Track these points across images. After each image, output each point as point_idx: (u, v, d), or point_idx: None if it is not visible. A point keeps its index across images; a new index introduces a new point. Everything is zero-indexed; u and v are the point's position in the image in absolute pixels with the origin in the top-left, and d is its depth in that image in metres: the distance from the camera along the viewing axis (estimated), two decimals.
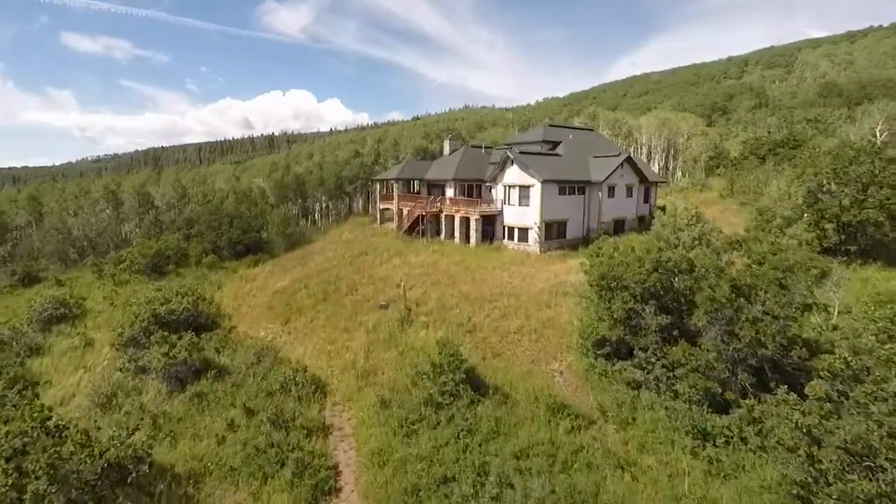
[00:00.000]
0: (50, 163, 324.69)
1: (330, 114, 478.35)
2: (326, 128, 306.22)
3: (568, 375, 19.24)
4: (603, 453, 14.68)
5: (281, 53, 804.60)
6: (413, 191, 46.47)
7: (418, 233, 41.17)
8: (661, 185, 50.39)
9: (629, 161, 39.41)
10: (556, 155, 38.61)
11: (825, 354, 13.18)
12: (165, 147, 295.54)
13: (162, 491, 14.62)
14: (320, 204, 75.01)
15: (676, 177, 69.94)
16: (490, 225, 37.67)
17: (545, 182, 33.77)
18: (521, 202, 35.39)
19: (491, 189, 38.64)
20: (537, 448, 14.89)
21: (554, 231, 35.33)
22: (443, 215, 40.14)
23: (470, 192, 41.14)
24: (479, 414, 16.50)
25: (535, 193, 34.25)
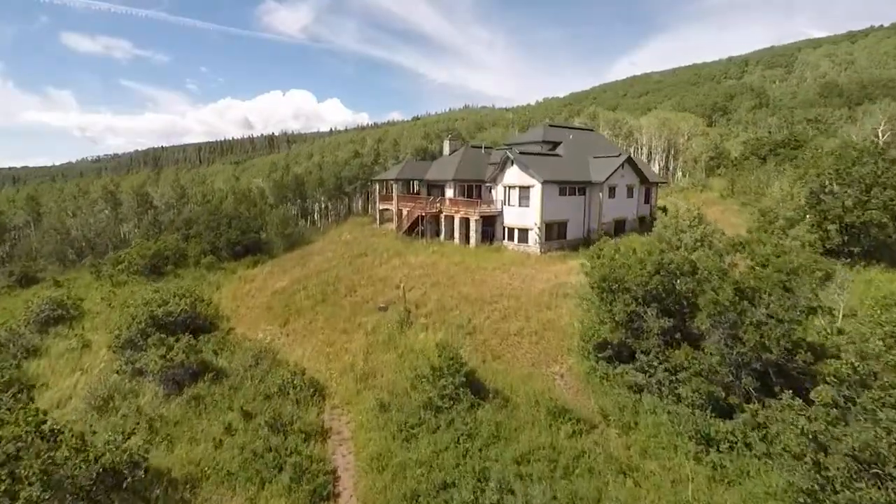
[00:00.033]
0: (50, 163, 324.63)
1: (330, 114, 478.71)
2: (326, 128, 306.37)
3: (569, 378, 19.05)
4: (605, 458, 14.49)
5: (281, 53, 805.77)
6: (413, 191, 46.26)
7: (418, 233, 40.98)
8: (662, 186, 50.19)
9: (630, 161, 39.22)
10: (557, 155, 38.42)
11: (831, 359, 12.97)
12: (165, 147, 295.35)
13: (158, 496, 14.50)
14: (320, 204, 74.75)
15: (677, 177, 69.71)
16: (490, 226, 37.48)
17: (545, 183, 33.58)
18: (522, 203, 35.19)
19: (491, 189, 38.46)
20: (538, 453, 14.71)
21: (554, 232, 35.14)
22: (442, 216, 39.96)
23: (470, 193, 40.96)
24: (480, 418, 16.32)
25: (536, 194, 34.06)
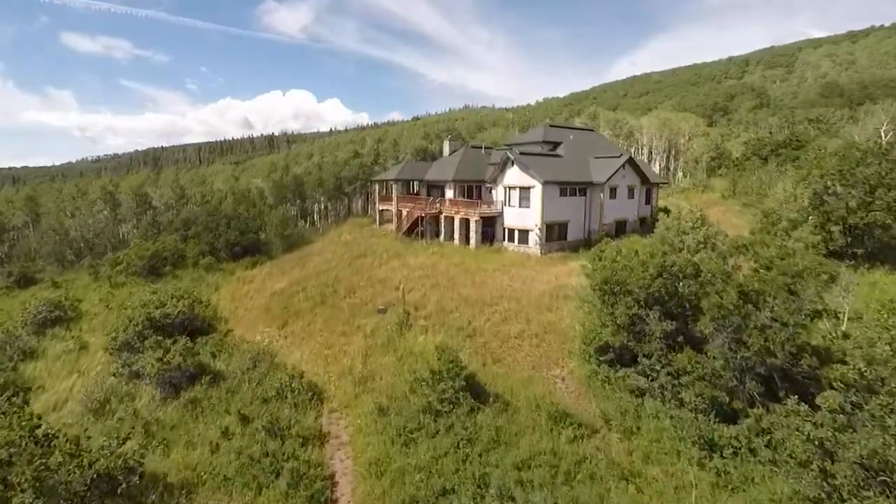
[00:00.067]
0: (50, 163, 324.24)
1: (330, 114, 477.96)
2: (326, 128, 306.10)
3: (570, 382, 18.84)
4: (607, 464, 14.27)
5: (281, 53, 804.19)
6: (412, 192, 46.05)
7: (418, 234, 40.77)
8: (663, 187, 49.97)
9: (631, 162, 38.99)
10: (557, 156, 38.20)
11: (837, 364, 12.76)
12: (165, 147, 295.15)
13: (154, 502, 14.31)
14: (319, 205, 74.53)
15: (677, 177, 69.49)
16: (490, 226, 37.27)
17: (546, 183, 33.37)
18: (522, 203, 34.98)
19: (491, 190, 38.25)
20: (539, 458, 14.50)
21: (555, 233, 34.93)
22: (442, 217, 39.76)
23: (470, 194, 40.76)
24: (480, 422, 16.11)
25: (536, 195, 33.85)
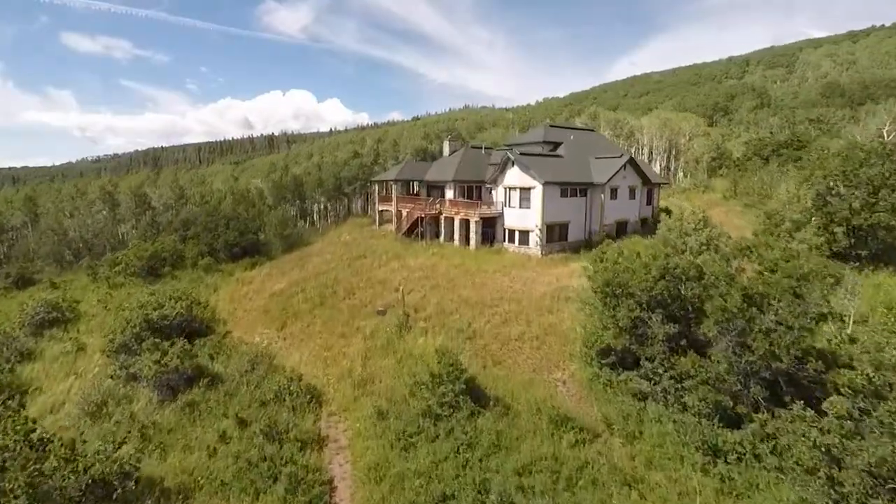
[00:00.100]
0: (50, 163, 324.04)
1: (330, 114, 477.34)
2: (326, 128, 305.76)
3: (571, 385, 18.64)
4: (609, 469, 14.08)
5: (281, 53, 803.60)
6: (412, 192, 45.83)
7: (417, 235, 40.57)
8: (664, 187, 49.75)
9: (632, 162, 38.77)
10: (558, 156, 37.99)
11: (843, 368, 12.55)
12: (165, 147, 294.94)
13: None
14: (319, 205, 74.31)
15: (678, 178, 69.26)
16: (490, 227, 37.06)
17: (546, 184, 33.16)
18: (522, 204, 34.77)
19: (491, 191, 38.05)
20: (540, 464, 14.31)
21: (555, 234, 34.71)
22: (442, 217, 39.55)
23: (470, 194, 40.55)
24: (480, 427, 15.92)
25: (537, 195, 33.64)
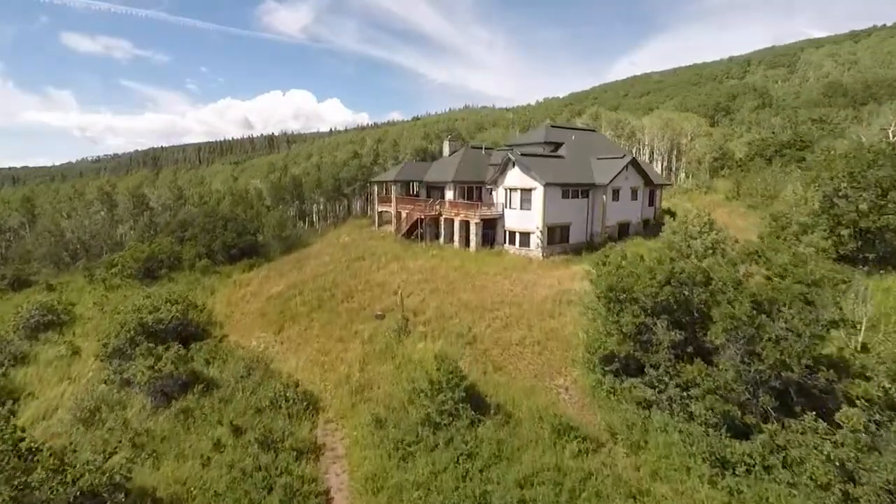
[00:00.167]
0: (50, 163, 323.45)
1: (330, 114, 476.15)
2: (326, 128, 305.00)
3: (573, 392, 18.21)
4: (613, 481, 13.64)
5: (281, 53, 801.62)
6: (412, 193, 45.39)
7: (417, 236, 40.15)
8: (666, 188, 49.30)
9: (634, 163, 38.32)
10: (559, 157, 37.56)
11: (856, 378, 12.10)
12: (165, 147, 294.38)
13: None
14: (318, 206, 73.84)
15: (680, 178, 68.80)
16: (491, 229, 36.64)
17: (547, 185, 32.73)
18: (523, 205, 34.35)
19: (492, 192, 37.63)
20: (542, 475, 13.88)
21: (557, 235, 34.29)
22: (442, 218, 39.12)
23: (470, 195, 40.12)
24: (480, 436, 15.50)
25: (538, 197, 33.21)
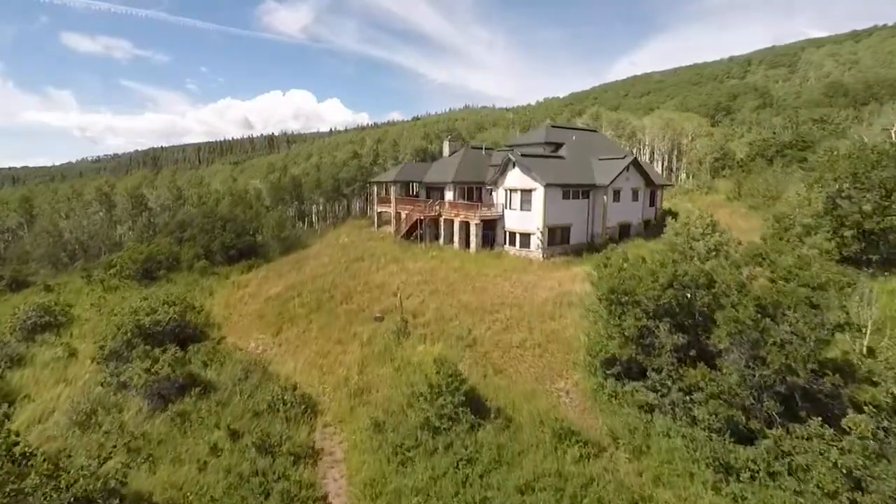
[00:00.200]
0: (50, 163, 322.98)
1: (330, 114, 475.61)
2: (326, 128, 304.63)
3: (575, 396, 18.01)
4: (615, 487, 13.44)
5: (281, 53, 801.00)
6: (412, 193, 45.19)
7: (416, 237, 39.94)
8: (667, 188, 49.09)
9: (635, 163, 38.10)
10: (559, 157, 37.35)
11: (863, 383, 11.89)
12: (165, 147, 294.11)
13: None
14: (317, 206, 73.63)
15: (681, 179, 68.60)
16: (491, 230, 36.43)
17: (548, 186, 32.53)
18: (523, 206, 34.14)
19: (492, 192, 37.43)
20: (543, 480, 13.69)
21: (557, 236, 34.08)
22: (442, 219, 38.92)
23: (470, 196, 39.92)
24: (480, 440, 15.31)
25: (538, 197, 33.00)
